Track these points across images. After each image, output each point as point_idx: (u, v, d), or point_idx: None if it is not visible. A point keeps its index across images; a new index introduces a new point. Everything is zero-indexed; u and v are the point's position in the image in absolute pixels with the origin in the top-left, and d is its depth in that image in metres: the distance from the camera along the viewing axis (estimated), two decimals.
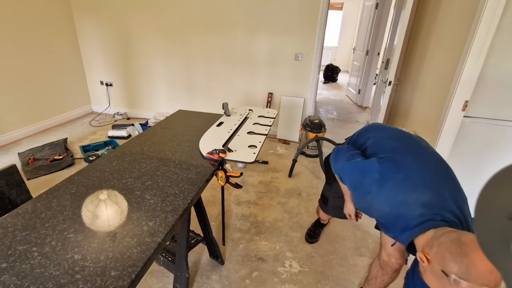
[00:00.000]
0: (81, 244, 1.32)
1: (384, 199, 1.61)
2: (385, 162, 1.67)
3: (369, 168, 1.71)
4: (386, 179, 1.61)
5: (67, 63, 6.32)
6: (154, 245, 1.32)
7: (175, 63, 6.15)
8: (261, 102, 5.90)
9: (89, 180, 1.84)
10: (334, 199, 2.62)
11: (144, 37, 6.10)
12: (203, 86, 6.18)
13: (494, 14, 2.64)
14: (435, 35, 3.68)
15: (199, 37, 5.75)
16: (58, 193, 1.69)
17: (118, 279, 1.16)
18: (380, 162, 1.68)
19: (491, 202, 0.71)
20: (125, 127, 5.88)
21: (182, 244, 2.23)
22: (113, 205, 1.61)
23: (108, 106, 7.00)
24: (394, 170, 1.62)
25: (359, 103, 8.56)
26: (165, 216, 1.52)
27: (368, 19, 7.78)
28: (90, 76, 6.83)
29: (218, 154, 2.08)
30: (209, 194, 3.95)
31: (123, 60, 6.46)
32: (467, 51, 2.82)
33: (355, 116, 7.60)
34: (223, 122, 2.80)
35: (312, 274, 2.84)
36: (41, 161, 4.57)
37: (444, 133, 3.11)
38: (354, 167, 1.85)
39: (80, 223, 1.45)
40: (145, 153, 2.23)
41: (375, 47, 7.63)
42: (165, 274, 2.76)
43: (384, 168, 1.65)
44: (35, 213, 1.51)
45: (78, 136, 5.74)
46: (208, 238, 2.72)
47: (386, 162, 1.67)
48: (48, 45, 5.79)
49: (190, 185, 1.82)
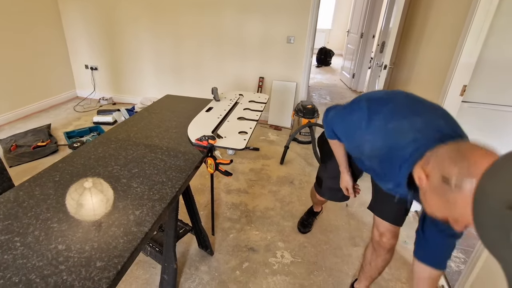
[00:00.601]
0: (65, 234, 1.31)
1: (375, 130, 1.60)
2: (373, 99, 1.69)
3: (357, 108, 1.72)
4: (375, 111, 1.61)
5: (50, 46, 6.26)
6: (141, 235, 1.32)
7: (163, 45, 6.11)
8: (252, 86, 5.89)
9: (74, 167, 1.83)
10: (328, 180, 2.60)
11: (130, 19, 6.05)
12: (192, 70, 6.16)
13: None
14: (432, 16, 3.67)
15: (188, 18, 5.71)
16: (41, 181, 1.68)
17: (103, 270, 1.16)
18: (368, 100, 1.69)
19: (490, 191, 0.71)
20: (110, 112, 5.84)
21: (170, 234, 2.23)
22: (99, 194, 1.60)
23: (93, 91, 6.94)
24: (382, 103, 1.63)
25: (353, 88, 8.57)
26: (152, 205, 1.51)
27: (363, 0, 7.75)
28: (75, 59, 6.77)
29: (207, 140, 2.07)
30: (198, 182, 3.96)
31: (109, 42, 6.41)
32: (466, 32, 2.79)
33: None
34: (213, 108, 2.79)
35: (305, 264, 2.86)
36: (24, 148, 4.55)
37: None
38: (343, 111, 1.90)
39: (64, 212, 1.44)
40: (132, 139, 2.22)
41: (370, 30, 7.62)
42: (152, 265, 2.76)
43: (371, 103, 1.66)
44: (17, 201, 1.50)
45: (62, 122, 5.71)
46: (197, 228, 2.72)
47: (374, 99, 1.69)
48: (30, 27, 5.72)
49: (178, 172, 1.82)
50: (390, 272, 2.79)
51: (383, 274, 2.71)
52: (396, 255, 2.95)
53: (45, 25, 6.07)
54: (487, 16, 2.69)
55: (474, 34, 2.76)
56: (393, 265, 2.85)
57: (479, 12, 2.69)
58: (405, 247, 3.07)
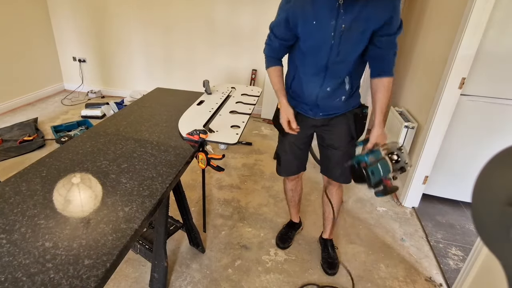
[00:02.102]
0: (53, 231, 1.31)
1: None
2: None
3: None
4: None
5: (37, 37, 6.22)
6: (130, 232, 1.32)
7: (153, 37, 6.10)
8: (245, 79, 5.89)
9: (61, 162, 1.83)
10: (285, 155, 2.68)
11: (119, 8, 6.02)
12: (183, 62, 6.15)
13: None
14: (430, 8, 3.67)
15: (178, 8, 5.70)
16: (28, 177, 1.67)
17: (92, 268, 1.15)
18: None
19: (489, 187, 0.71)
20: (99, 106, 5.81)
21: (160, 231, 2.23)
22: (87, 189, 1.60)
23: (81, 84, 6.91)
24: None
25: None
26: (142, 201, 1.51)
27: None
28: (62, 51, 6.74)
29: (198, 135, 2.07)
30: (189, 177, 3.95)
31: (98, 34, 6.37)
32: (465, 24, 2.80)
33: None
34: (204, 101, 2.78)
35: (299, 262, 2.87)
36: (10, 143, 4.53)
37: (439, 112, 3.12)
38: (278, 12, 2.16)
39: (51, 208, 1.44)
40: (121, 133, 2.21)
41: None
42: (142, 263, 2.76)
43: None
44: (3, 197, 1.50)
45: (49, 115, 5.68)
46: (188, 225, 2.72)
47: None
48: (15, 18, 5.67)
49: (168, 168, 1.82)
50: (387, 270, 2.80)
51: (379, 272, 2.73)
52: (393, 253, 2.97)
53: (31, 16, 6.02)
54: (486, 8, 2.70)
55: (473, 26, 2.77)
56: (390, 263, 2.86)
57: (477, 4, 2.70)
58: (402, 245, 3.07)
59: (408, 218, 3.45)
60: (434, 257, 2.96)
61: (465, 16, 2.81)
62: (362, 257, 2.94)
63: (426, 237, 3.18)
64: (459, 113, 3.14)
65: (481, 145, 3.23)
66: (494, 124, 3.12)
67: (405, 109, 3.90)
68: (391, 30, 1.95)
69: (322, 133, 2.47)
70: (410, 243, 3.10)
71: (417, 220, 3.41)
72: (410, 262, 2.90)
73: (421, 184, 3.49)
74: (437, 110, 3.12)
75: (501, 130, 3.12)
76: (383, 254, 2.97)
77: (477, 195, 0.74)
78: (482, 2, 2.69)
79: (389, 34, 1.97)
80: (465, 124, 3.19)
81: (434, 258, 2.95)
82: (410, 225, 3.33)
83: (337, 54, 2.01)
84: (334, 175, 2.56)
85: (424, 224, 3.33)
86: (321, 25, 1.97)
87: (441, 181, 3.52)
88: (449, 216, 3.48)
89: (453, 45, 2.97)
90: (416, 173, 3.43)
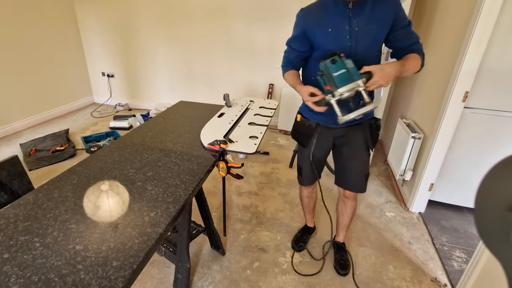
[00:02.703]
0: (83, 235, 1.32)
1: None
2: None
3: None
4: None
5: (69, 55, 6.32)
6: (155, 236, 1.32)
7: (176, 54, 6.14)
8: (262, 93, 5.88)
9: (91, 170, 1.84)
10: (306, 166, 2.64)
11: (145, 28, 6.09)
12: (205, 77, 6.17)
13: (494, 6, 2.63)
14: (435, 26, 3.65)
15: (200, 27, 5.73)
16: (59, 184, 1.68)
17: (119, 269, 1.16)
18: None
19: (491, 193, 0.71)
20: (126, 118, 5.86)
21: (183, 234, 2.23)
22: (115, 196, 1.60)
23: (109, 97, 6.99)
24: None
25: None
26: (166, 207, 1.51)
27: None
28: (92, 67, 6.83)
29: (219, 145, 2.07)
30: (210, 184, 3.95)
31: (125, 51, 6.45)
32: (468, 42, 2.80)
33: None
34: (224, 113, 2.79)
35: (313, 264, 2.85)
36: (43, 152, 4.57)
37: (444, 124, 3.10)
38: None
39: (81, 213, 1.45)
40: (147, 144, 2.23)
41: None
42: (167, 264, 2.76)
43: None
44: (37, 203, 1.51)
45: (79, 127, 5.74)
46: (209, 229, 2.72)
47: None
48: (49, 37, 5.78)
49: (191, 175, 1.82)
50: (395, 271, 2.77)
51: (388, 273, 2.71)
52: (401, 256, 2.94)
53: (63, 35, 6.13)
54: (488, 27, 2.71)
55: (476, 44, 2.78)
56: (398, 265, 2.84)
57: (480, 23, 2.71)
58: (409, 248, 3.05)
59: (415, 222, 3.42)
60: (439, 259, 2.94)
61: (468, 34, 2.81)
62: (372, 259, 2.92)
63: (432, 240, 3.15)
64: (463, 124, 3.13)
65: (483, 155, 3.21)
66: (495, 135, 3.10)
67: (412, 121, 3.88)
68: (401, 24, 2.00)
69: (339, 144, 2.43)
70: (417, 246, 3.07)
71: (423, 225, 3.38)
72: (416, 263, 2.87)
73: (427, 191, 3.46)
74: (442, 121, 3.11)
75: (502, 141, 3.10)
76: (392, 256, 2.95)
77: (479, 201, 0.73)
78: (484, 21, 2.69)
79: (402, 27, 2.01)
80: (468, 135, 3.18)
81: (439, 260, 2.93)
82: (417, 229, 3.31)
83: (355, 55, 1.97)
84: (350, 185, 2.54)
85: (430, 228, 3.31)
86: (337, 31, 2.01)
87: (445, 188, 3.50)
88: (453, 221, 3.45)
89: (456, 61, 2.96)
90: (423, 180, 3.41)
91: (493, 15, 2.66)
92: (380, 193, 3.95)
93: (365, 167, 2.48)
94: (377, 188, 4.06)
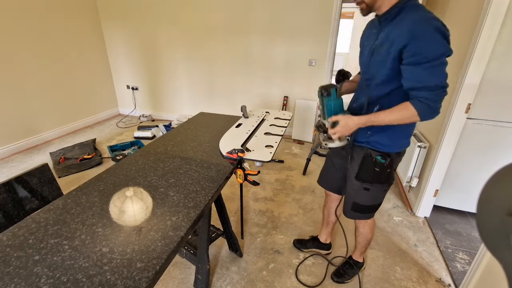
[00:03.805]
0: (109, 238, 1.32)
1: None
2: None
3: None
4: None
5: (96, 69, 6.39)
6: (177, 239, 1.32)
7: (196, 68, 6.17)
8: (277, 105, 5.88)
9: (116, 178, 1.85)
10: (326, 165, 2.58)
11: (167, 44, 6.13)
12: (223, 89, 6.19)
13: (495, 23, 2.64)
14: None
15: (218, 42, 5.77)
16: (87, 190, 1.69)
17: (143, 271, 1.15)
18: None
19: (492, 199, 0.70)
20: (150, 128, 5.91)
21: (203, 237, 2.23)
22: (139, 201, 1.61)
23: (134, 109, 7.04)
24: None
25: None
26: (187, 212, 1.51)
27: None
28: (117, 80, 6.89)
29: (237, 153, 2.07)
30: (228, 191, 3.95)
31: (148, 65, 6.50)
32: (470, 56, 2.81)
33: None
34: (242, 124, 2.79)
35: (325, 265, 2.83)
36: (71, 160, 4.61)
37: (448, 133, 3.11)
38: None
39: (108, 218, 1.45)
40: (169, 152, 2.23)
41: None
42: (187, 266, 2.76)
43: None
44: (66, 208, 1.52)
45: (106, 136, 5.79)
46: (228, 232, 2.72)
47: None
48: (78, 53, 5.86)
49: (210, 182, 1.82)
50: (402, 272, 2.75)
51: (395, 274, 2.70)
52: (408, 257, 2.92)
53: (91, 51, 6.20)
54: (489, 42, 2.71)
55: (477, 59, 2.79)
56: (404, 266, 2.82)
57: (481, 39, 2.71)
58: (415, 250, 3.02)
59: (421, 226, 3.39)
60: (443, 260, 2.92)
61: (471, 49, 2.82)
62: (380, 260, 2.90)
63: (437, 243, 3.13)
64: (466, 134, 3.13)
65: (485, 163, 3.20)
66: (497, 144, 3.10)
67: (418, 131, 3.89)
68: (409, 58, 1.66)
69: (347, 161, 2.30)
70: (422, 249, 3.05)
71: (428, 228, 3.36)
72: (422, 265, 2.85)
73: (432, 196, 3.46)
74: (446, 131, 3.12)
75: (503, 150, 3.09)
76: (399, 258, 2.93)
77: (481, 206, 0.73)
78: (486, 37, 2.70)
79: (408, 63, 1.67)
80: (471, 144, 3.17)
81: (444, 261, 2.91)
82: (422, 232, 3.28)
83: (368, 73, 1.95)
84: (344, 208, 2.42)
85: (435, 232, 3.29)
86: (365, 46, 1.98)
87: (449, 194, 3.49)
88: (456, 225, 3.43)
89: (459, 74, 2.97)
90: (428, 187, 3.41)
91: (495, 30, 2.66)
92: (388, 199, 3.92)
93: (355, 195, 2.25)
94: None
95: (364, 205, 2.25)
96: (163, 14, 5.86)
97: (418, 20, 1.62)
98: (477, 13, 2.80)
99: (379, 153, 2.03)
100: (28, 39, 4.88)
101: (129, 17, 6.12)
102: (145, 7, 5.91)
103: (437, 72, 1.69)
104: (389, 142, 1.99)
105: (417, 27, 1.60)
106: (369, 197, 2.20)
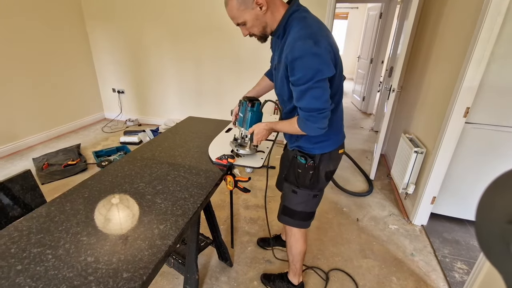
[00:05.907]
0: (94, 247, 1.32)
1: None
2: None
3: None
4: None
5: (80, 72, 6.37)
6: (164, 248, 1.32)
7: (184, 70, 6.17)
8: (269, 109, 5.88)
9: (102, 184, 1.85)
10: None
11: (154, 45, 6.13)
12: (212, 93, 6.19)
13: (495, 24, 2.64)
14: (437, 44, 3.66)
15: (207, 43, 5.77)
16: (71, 197, 1.69)
17: (129, 281, 1.15)
18: None
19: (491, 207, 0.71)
20: (136, 133, 5.89)
21: (192, 246, 2.23)
22: (125, 209, 1.60)
23: (120, 113, 7.02)
24: None
25: (363, 110, 8.56)
26: (175, 220, 1.51)
27: (372, 29, 7.78)
28: (103, 83, 6.87)
29: (227, 159, 2.08)
30: (218, 198, 3.95)
31: (134, 68, 6.49)
32: (469, 58, 2.81)
33: (359, 122, 7.59)
34: (232, 128, 2.80)
35: (318, 275, 2.84)
36: (55, 166, 4.59)
37: (446, 138, 3.11)
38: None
39: (93, 226, 1.45)
40: (156, 158, 2.23)
41: (379, 56, 7.62)
42: (176, 276, 2.75)
43: None
44: (49, 216, 1.51)
45: (91, 142, 5.76)
46: (217, 241, 2.72)
47: None
48: (61, 54, 5.84)
49: (199, 189, 1.82)
50: (398, 283, 2.76)
51: (391, 284, 2.71)
52: (404, 267, 2.93)
53: (75, 52, 6.19)
54: (488, 45, 2.71)
55: (476, 61, 2.79)
56: (401, 276, 2.82)
57: (480, 41, 2.72)
58: (412, 259, 3.03)
59: (418, 235, 3.40)
60: (441, 270, 2.92)
61: (469, 51, 2.82)
62: (376, 270, 2.91)
63: (434, 252, 3.14)
64: (464, 139, 3.13)
65: (485, 169, 3.21)
66: (496, 149, 3.10)
67: (414, 136, 3.88)
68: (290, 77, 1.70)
69: None
70: (419, 258, 3.06)
71: (425, 237, 3.37)
72: (419, 275, 2.86)
73: (429, 204, 3.45)
74: (444, 136, 3.11)
75: (503, 155, 3.10)
76: (395, 268, 2.94)
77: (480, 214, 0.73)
78: (485, 40, 2.70)
79: (290, 83, 1.73)
80: (469, 149, 3.17)
81: (441, 271, 2.91)
82: (419, 241, 3.29)
83: (276, 85, 2.02)
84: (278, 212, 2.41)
85: (432, 241, 3.29)
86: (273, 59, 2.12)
87: (447, 201, 3.49)
88: (455, 233, 3.44)
89: (458, 77, 2.97)
90: (425, 194, 3.40)
91: (494, 34, 2.67)
92: (383, 206, 3.93)
93: (285, 198, 2.27)
94: (380, 201, 4.04)
95: (292, 209, 2.24)
96: (150, 14, 5.86)
97: (292, 40, 1.63)
98: (476, 13, 2.81)
99: (300, 154, 2.08)
100: (5, 41, 4.85)
101: (114, 17, 6.11)
102: (131, 7, 5.90)
103: (311, 95, 1.67)
104: (309, 145, 2.04)
105: (290, 48, 1.62)
106: (298, 201, 2.20)
